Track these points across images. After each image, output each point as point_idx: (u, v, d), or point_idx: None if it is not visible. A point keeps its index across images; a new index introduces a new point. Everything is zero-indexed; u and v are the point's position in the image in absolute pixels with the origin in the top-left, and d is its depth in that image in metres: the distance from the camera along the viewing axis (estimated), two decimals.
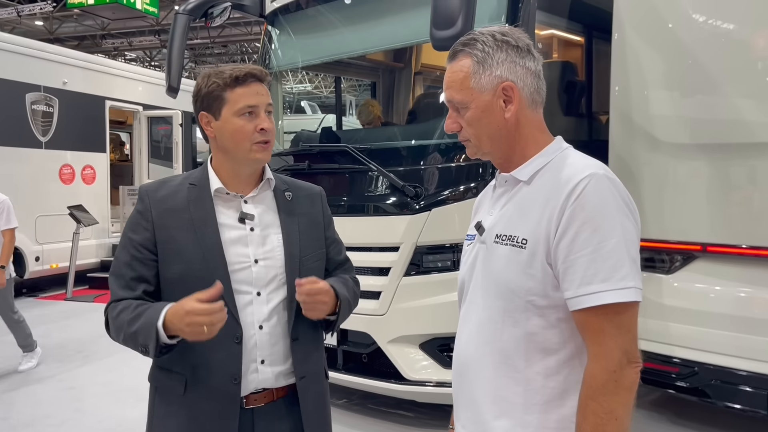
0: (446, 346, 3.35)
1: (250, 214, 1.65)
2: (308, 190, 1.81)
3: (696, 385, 3.15)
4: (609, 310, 1.14)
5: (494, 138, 1.31)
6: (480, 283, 1.34)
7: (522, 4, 3.33)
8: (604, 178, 1.20)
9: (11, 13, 14.59)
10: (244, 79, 1.60)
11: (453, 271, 3.30)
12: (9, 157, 7.84)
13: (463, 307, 1.41)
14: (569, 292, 1.18)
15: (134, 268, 1.60)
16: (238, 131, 1.60)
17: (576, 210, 1.17)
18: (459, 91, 1.31)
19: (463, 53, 1.32)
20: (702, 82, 3.14)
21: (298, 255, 1.67)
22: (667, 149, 3.26)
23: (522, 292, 1.23)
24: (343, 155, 3.70)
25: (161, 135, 10.36)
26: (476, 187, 3.29)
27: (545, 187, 1.25)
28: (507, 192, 1.35)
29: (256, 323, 1.60)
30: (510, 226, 1.28)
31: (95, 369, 5.22)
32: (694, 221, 3.17)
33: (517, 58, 1.29)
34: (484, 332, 1.31)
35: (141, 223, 1.62)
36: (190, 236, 1.59)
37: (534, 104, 1.32)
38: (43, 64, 8.29)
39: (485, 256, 1.33)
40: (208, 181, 1.66)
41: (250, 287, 1.61)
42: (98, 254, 9.28)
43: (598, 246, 1.15)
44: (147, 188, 1.68)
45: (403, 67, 5.20)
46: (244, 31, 17.60)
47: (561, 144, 1.34)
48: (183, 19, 4.14)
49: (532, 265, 1.22)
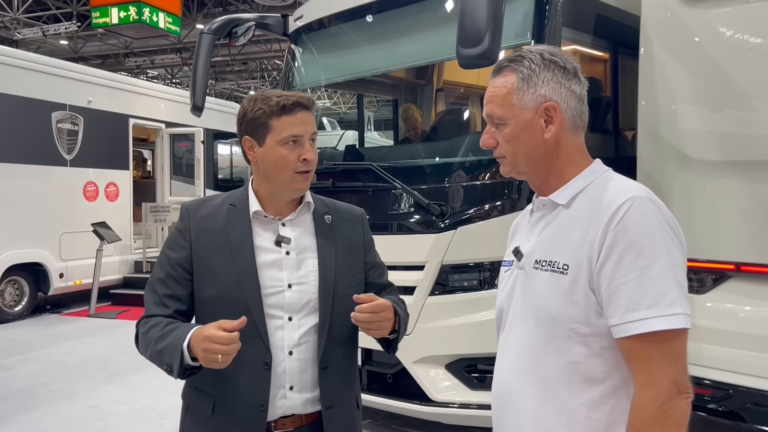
0: (473, 366, 3.30)
1: (286, 238, 1.63)
2: (349, 213, 1.79)
3: (731, 408, 3.05)
4: (656, 338, 1.10)
5: (531, 157, 1.29)
6: (520, 311, 1.30)
7: (548, 21, 3.30)
8: (647, 200, 1.17)
9: (37, 32, 14.91)
10: (291, 108, 1.58)
11: (479, 290, 3.26)
12: (35, 175, 7.97)
13: (502, 335, 1.38)
14: (614, 319, 1.14)
15: (169, 286, 1.60)
16: (281, 160, 1.58)
17: (619, 234, 1.13)
18: (500, 106, 1.29)
19: (509, 69, 1.30)
20: (732, 97, 3.09)
21: (333, 281, 1.64)
22: (698, 166, 3.19)
23: (564, 320, 1.19)
24: (367, 173, 3.69)
25: (183, 152, 10.47)
26: (502, 206, 3.26)
27: (586, 211, 1.21)
28: (545, 216, 1.31)
29: (286, 349, 1.58)
30: (550, 251, 1.25)
31: (119, 387, 5.23)
32: (727, 240, 3.09)
33: (563, 79, 1.27)
34: (525, 361, 1.27)
35: (179, 242, 1.63)
36: (226, 258, 1.58)
37: (575, 128, 1.29)
38: (69, 83, 8.44)
39: (524, 282, 1.29)
40: (247, 203, 1.65)
41: (282, 312, 1.59)
42: (121, 271, 9.36)
43: (643, 271, 1.11)
44: (189, 206, 1.68)
45: (426, 84, 5.19)
46: (264, 48, 17.81)
47: (600, 166, 1.31)
48: (208, 39, 4.17)
49: (574, 291, 1.18)
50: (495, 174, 3.32)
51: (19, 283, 8.07)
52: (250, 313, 1.54)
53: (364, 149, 5.13)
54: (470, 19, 2.55)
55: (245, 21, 4.37)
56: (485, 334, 3.20)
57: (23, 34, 15.08)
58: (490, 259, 3.23)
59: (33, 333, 7.34)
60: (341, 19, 4.15)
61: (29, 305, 8.20)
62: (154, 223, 9.79)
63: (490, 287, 3.24)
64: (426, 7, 3.73)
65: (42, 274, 8.18)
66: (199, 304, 1.62)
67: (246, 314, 1.53)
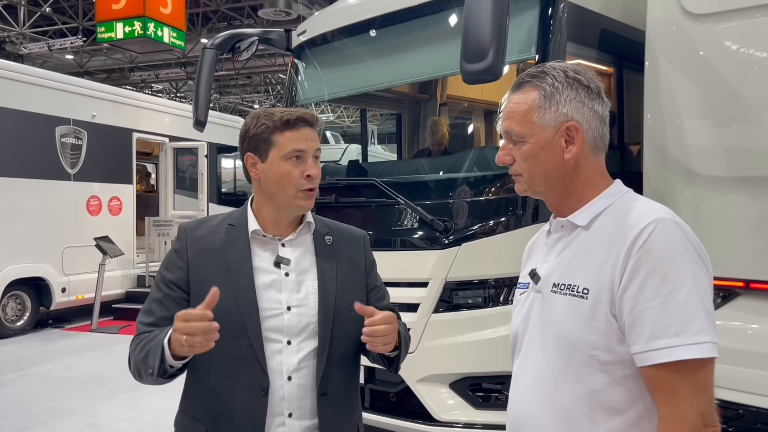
0: (478, 385, 3.24)
1: (286, 258, 1.59)
2: (350, 234, 1.75)
3: (741, 428, 2.99)
4: (682, 367, 1.05)
5: (548, 177, 1.24)
6: (537, 336, 1.25)
7: (552, 36, 3.28)
8: (672, 222, 1.12)
9: (42, 47, 15.00)
10: (294, 123, 1.55)
11: (484, 308, 3.21)
12: (38, 189, 7.97)
13: (518, 361, 1.32)
14: (637, 346, 1.08)
15: (166, 306, 1.56)
16: (284, 176, 1.55)
17: (642, 257, 1.09)
18: (519, 122, 1.24)
19: (531, 85, 1.25)
20: (739, 111, 3.05)
21: (333, 303, 1.59)
22: (705, 181, 3.15)
23: (584, 346, 1.14)
24: (371, 188, 3.65)
25: (187, 166, 10.47)
26: (507, 222, 3.21)
27: (607, 233, 1.17)
28: (563, 237, 1.26)
29: (285, 374, 1.52)
30: (568, 274, 1.20)
31: (118, 404, 5.18)
32: (736, 257, 3.04)
33: (586, 98, 1.23)
34: (542, 389, 1.21)
35: (176, 262, 1.59)
36: (224, 278, 1.54)
37: (596, 149, 1.25)
38: (73, 97, 8.46)
39: (542, 306, 1.24)
40: (246, 223, 1.61)
41: (280, 335, 1.54)
42: (123, 285, 9.33)
43: (669, 296, 1.06)
44: (186, 227, 1.65)
45: (429, 99, 5.18)
46: (268, 62, 17.89)
47: (621, 187, 1.26)
48: (211, 54, 4.17)
49: (594, 316, 1.13)
50: (499, 189, 3.28)
51: (21, 297, 8.03)
52: (248, 336, 1.50)
53: (367, 164, 5.10)
54: (474, 33, 2.52)
55: (248, 36, 4.37)
56: (490, 353, 3.15)
57: (29, 48, 15.18)
58: (495, 276, 3.19)
59: (34, 348, 7.29)
60: (344, 34, 4.14)
61: (31, 320, 8.16)
62: (157, 238, 9.77)
63: (495, 305, 3.19)
64: (429, 22, 3.72)
65: (44, 289, 8.14)
66: None
67: (243, 337, 1.50)
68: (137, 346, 1.52)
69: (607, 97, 1.28)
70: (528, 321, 1.29)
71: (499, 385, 3.17)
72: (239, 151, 1.65)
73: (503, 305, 3.16)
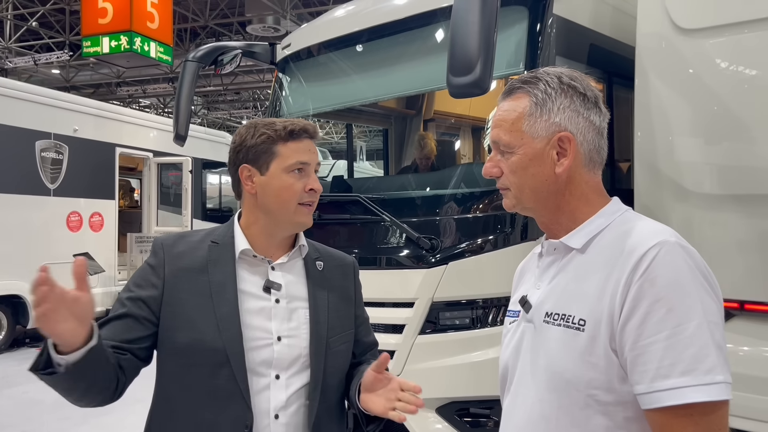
0: (465, 410, 3.12)
1: (276, 283, 1.44)
2: (340, 260, 1.62)
3: None
4: (694, 411, 0.93)
5: (538, 192, 1.13)
6: (528, 371, 1.12)
7: (541, 51, 3.22)
8: (677, 246, 1.00)
9: (28, 61, 14.87)
10: (298, 134, 1.45)
11: (472, 329, 3.10)
12: (16, 205, 7.78)
13: (507, 398, 1.20)
14: (641, 386, 0.96)
15: (128, 327, 1.38)
16: (286, 189, 1.43)
17: (644, 285, 0.97)
18: (508, 132, 1.14)
19: (522, 91, 1.15)
20: (730, 129, 3.00)
21: (326, 336, 1.45)
22: (697, 199, 3.09)
23: (581, 385, 1.01)
24: (355, 205, 3.55)
25: (171, 182, 10.33)
26: (495, 240, 3.12)
27: (604, 257, 1.05)
28: (556, 261, 1.15)
29: (272, 412, 1.37)
30: (562, 302, 1.08)
31: (92, 428, 5.00)
32: (730, 277, 2.96)
33: (581, 108, 1.12)
34: (534, 431, 1.09)
35: (150, 279, 1.42)
36: (205, 302, 1.39)
37: (592, 163, 1.14)
38: (54, 111, 8.31)
39: (533, 338, 1.12)
40: (233, 240, 1.46)
41: (268, 369, 1.39)
42: (104, 303, 9.11)
43: (676, 330, 0.94)
44: (163, 241, 1.48)
45: (415, 114, 5.11)
46: (256, 78, 17.85)
47: (619, 206, 1.15)
48: (192, 67, 4.07)
49: (592, 351, 1.01)
50: (488, 207, 3.19)
51: None
52: (230, 367, 1.35)
53: (352, 180, 5.00)
54: (461, 46, 2.44)
55: (231, 49, 4.28)
56: (478, 376, 3.04)
57: (15, 63, 15.03)
58: (484, 296, 3.09)
59: (9, 369, 7.06)
60: (330, 48, 4.06)
61: (7, 339, 7.93)
62: (139, 254, 9.58)
63: (483, 326, 3.09)
64: (416, 36, 3.65)
65: (21, 307, 7.93)
66: (168, 354, 1.40)
67: (225, 368, 1.34)
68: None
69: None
70: (518, 354, 1.16)
71: (487, 410, 3.06)
72: (230, 163, 1.50)
73: (491, 326, 3.05)
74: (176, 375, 1.38)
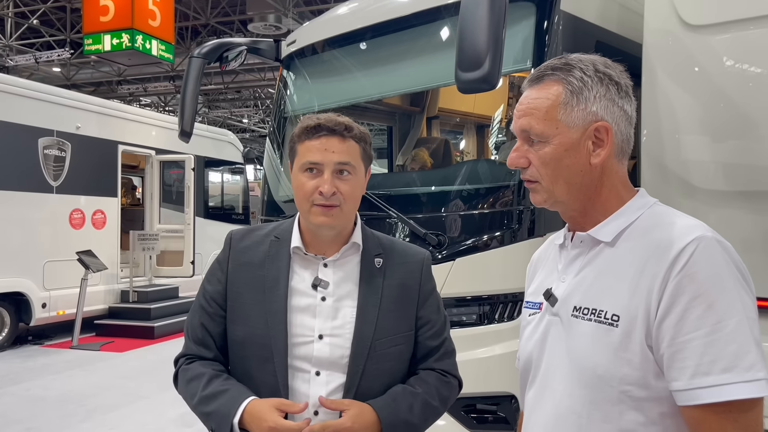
0: (472, 406, 3.12)
1: (324, 281, 1.44)
2: (407, 257, 1.55)
3: None
4: (734, 408, 0.92)
5: (572, 185, 1.09)
6: (558, 366, 1.10)
7: (548, 47, 3.21)
8: (714, 241, 0.99)
9: (29, 59, 14.85)
10: (313, 131, 1.41)
11: (479, 326, 3.10)
12: (19, 202, 7.78)
13: (531, 392, 1.17)
14: (679, 382, 0.95)
15: (204, 323, 1.46)
16: (299, 188, 1.43)
17: (683, 281, 0.96)
18: (541, 120, 1.09)
19: (554, 78, 1.10)
20: (737, 125, 2.99)
21: (371, 336, 1.42)
22: (703, 196, 3.08)
23: (615, 381, 1.00)
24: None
25: (173, 179, 10.32)
26: (502, 236, 3.12)
27: (638, 251, 1.03)
28: (582, 254, 1.12)
29: (312, 408, 1.37)
30: (592, 297, 1.06)
31: (97, 424, 4.98)
32: None
33: (616, 96, 1.10)
34: (563, 426, 1.07)
35: (216, 274, 1.49)
36: (259, 297, 1.42)
37: (622, 154, 1.12)
38: (57, 108, 8.30)
39: (561, 332, 1.10)
40: (290, 236, 1.47)
41: (308, 365, 1.40)
42: (106, 300, 9.12)
43: (716, 327, 0.93)
44: (233, 235, 1.53)
45: (420, 111, 5.10)
46: (257, 77, 17.83)
47: (647, 198, 1.12)
48: (197, 63, 4.06)
49: (627, 347, 0.99)
50: (495, 203, 3.19)
51: None
52: (273, 363, 1.37)
53: None
54: (469, 41, 2.44)
55: (237, 45, 4.27)
56: (485, 373, 3.04)
57: (16, 61, 15.01)
58: (491, 292, 3.08)
59: (12, 366, 7.06)
60: (335, 44, 4.06)
61: (10, 336, 7.92)
62: (141, 252, 9.58)
63: (490, 322, 3.09)
64: (422, 32, 3.64)
65: (24, 304, 7.93)
66: (230, 344, 1.46)
67: (269, 363, 1.38)
68: (191, 381, 1.41)
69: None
70: (544, 347, 1.14)
71: (494, 405, 3.06)
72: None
73: (498, 323, 3.05)
74: (236, 364, 1.45)
